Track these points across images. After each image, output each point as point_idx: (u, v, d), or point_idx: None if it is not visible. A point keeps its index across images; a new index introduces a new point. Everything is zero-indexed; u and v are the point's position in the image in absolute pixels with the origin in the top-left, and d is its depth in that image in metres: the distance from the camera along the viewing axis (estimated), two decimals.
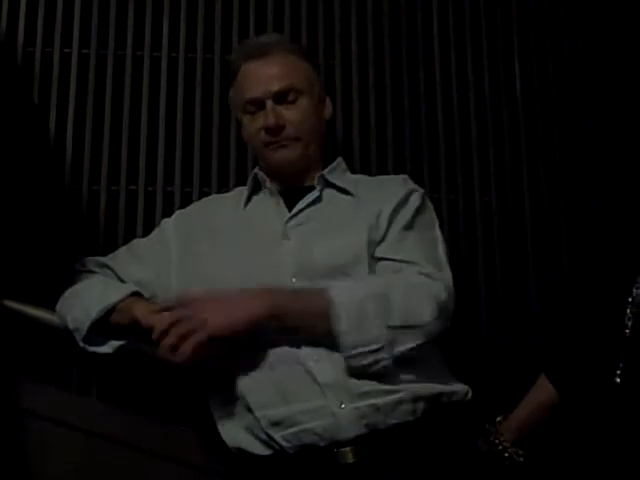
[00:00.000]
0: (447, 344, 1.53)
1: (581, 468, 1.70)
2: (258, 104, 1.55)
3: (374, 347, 1.33)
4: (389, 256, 1.45)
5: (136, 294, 1.49)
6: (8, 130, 1.78)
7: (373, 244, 1.47)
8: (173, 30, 1.92)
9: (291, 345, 1.37)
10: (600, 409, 1.51)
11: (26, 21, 1.87)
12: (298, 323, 1.36)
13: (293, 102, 1.56)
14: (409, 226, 1.50)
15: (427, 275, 1.42)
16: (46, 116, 1.83)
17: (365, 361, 1.33)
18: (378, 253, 1.46)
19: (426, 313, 1.36)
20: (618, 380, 1.41)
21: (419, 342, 1.36)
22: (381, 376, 1.35)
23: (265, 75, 1.56)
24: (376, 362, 1.33)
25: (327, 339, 1.34)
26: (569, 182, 2.01)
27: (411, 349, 1.35)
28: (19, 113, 1.81)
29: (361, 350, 1.33)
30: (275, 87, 1.54)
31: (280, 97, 1.55)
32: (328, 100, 1.67)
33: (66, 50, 1.87)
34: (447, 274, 1.45)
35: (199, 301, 1.35)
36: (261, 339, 1.38)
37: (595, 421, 1.59)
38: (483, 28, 2.05)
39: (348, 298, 1.34)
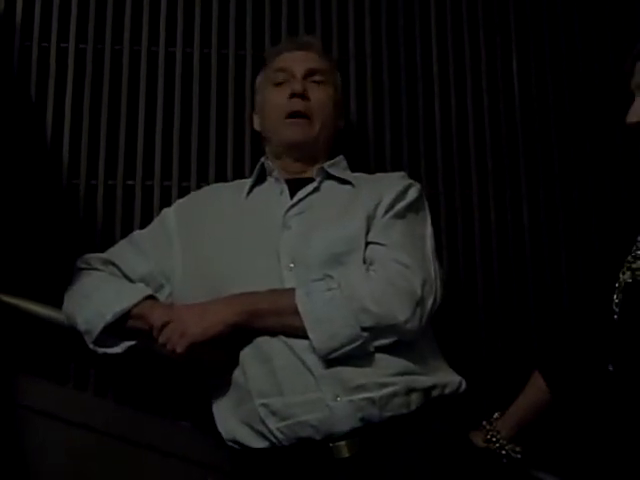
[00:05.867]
0: (444, 339, 1.54)
1: (579, 461, 1.71)
2: (289, 74, 1.63)
3: (349, 347, 1.35)
4: (376, 240, 1.47)
5: (150, 297, 1.50)
6: (5, 125, 1.78)
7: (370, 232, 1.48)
8: (170, 25, 1.92)
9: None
10: (594, 401, 1.51)
11: (23, 16, 1.86)
12: (271, 324, 1.39)
13: (320, 83, 1.64)
14: (401, 216, 1.51)
15: (406, 266, 1.42)
16: (43, 111, 1.82)
17: (344, 354, 1.36)
18: (368, 238, 1.48)
19: (401, 311, 1.37)
20: (611, 368, 1.40)
21: (395, 338, 1.38)
22: (376, 367, 1.37)
23: (302, 57, 1.68)
24: (358, 350, 1.36)
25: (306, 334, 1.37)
26: (567, 176, 2.00)
27: (388, 343, 1.38)
28: (16, 108, 1.81)
29: (337, 354, 1.35)
30: (309, 64, 1.65)
31: (310, 74, 1.64)
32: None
33: (63, 45, 1.87)
34: (429, 269, 1.45)
35: (178, 311, 1.42)
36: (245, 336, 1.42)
37: (589, 414, 1.59)
38: (481, 26, 2.04)
39: (318, 308, 1.37)
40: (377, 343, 1.37)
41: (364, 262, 1.46)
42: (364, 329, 1.35)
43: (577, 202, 1.99)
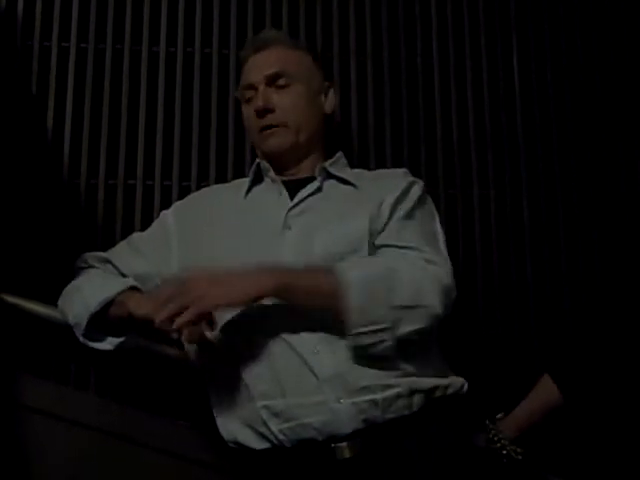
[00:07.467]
0: (445, 338, 1.53)
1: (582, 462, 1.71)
2: (253, 89, 1.60)
3: (378, 327, 1.32)
4: (391, 242, 1.46)
5: (135, 288, 1.49)
6: (6, 124, 1.78)
7: (374, 233, 1.47)
8: (171, 25, 1.92)
9: (290, 331, 1.37)
10: (611, 403, 1.50)
11: (24, 15, 1.86)
12: (303, 300, 1.35)
13: (284, 87, 1.59)
14: (410, 216, 1.50)
15: (430, 261, 1.42)
16: (44, 110, 1.83)
17: (369, 340, 1.33)
18: (379, 241, 1.46)
19: (431, 294, 1.37)
20: None
21: (423, 325, 1.36)
22: (379, 368, 1.35)
23: (260, 63, 1.61)
24: (380, 342, 1.33)
25: (330, 318, 1.34)
26: (567, 175, 2.00)
27: (415, 332, 1.35)
28: (17, 107, 1.81)
29: (365, 329, 1.32)
30: (267, 71, 1.59)
31: (271, 80, 1.59)
32: (332, 94, 1.68)
33: (64, 44, 1.87)
34: (448, 262, 1.46)
35: (196, 278, 1.33)
36: (259, 324, 1.39)
37: (604, 416, 1.58)
38: (481, 23, 2.05)
39: (357, 276, 1.34)
40: (402, 330, 1.34)
41: None
42: (396, 307, 1.34)
43: (577, 199, 1.99)
